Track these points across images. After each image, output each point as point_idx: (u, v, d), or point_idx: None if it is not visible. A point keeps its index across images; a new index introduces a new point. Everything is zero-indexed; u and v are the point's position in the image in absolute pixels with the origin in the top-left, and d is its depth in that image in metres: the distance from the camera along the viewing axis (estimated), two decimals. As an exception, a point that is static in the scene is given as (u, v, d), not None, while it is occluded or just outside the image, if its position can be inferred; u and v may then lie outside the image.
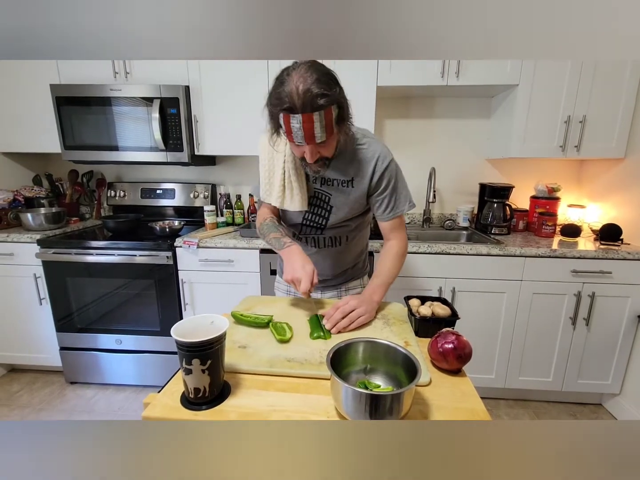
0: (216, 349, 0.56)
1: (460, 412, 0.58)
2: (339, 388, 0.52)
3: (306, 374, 0.66)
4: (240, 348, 0.74)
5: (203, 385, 0.56)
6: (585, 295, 1.64)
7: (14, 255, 1.79)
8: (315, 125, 0.73)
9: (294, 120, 0.72)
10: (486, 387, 1.82)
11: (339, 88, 0.75)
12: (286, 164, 0.94)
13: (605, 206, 1.90)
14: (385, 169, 0.95)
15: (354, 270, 1.15)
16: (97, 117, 1.84)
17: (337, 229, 1.04)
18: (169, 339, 1.82)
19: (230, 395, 0.60)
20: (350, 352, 0.63)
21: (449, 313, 0.84)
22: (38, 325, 1.89)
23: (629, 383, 1.72)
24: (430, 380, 0.65)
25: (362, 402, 0.50)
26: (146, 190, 2.22)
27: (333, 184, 0.97)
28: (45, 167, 2.27)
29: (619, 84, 1.67)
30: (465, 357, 0.68)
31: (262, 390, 0.62)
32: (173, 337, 0.54)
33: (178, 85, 1.78)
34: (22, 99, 1.89)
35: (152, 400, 0.60)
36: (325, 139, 0.76)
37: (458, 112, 2.07)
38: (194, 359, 0.54)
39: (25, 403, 1.80)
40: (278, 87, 0.73)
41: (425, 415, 0.57)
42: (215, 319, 0.61)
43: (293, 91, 0.70)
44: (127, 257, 1.75)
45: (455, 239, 2.04)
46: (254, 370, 0.67)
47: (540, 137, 1.77)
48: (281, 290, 1.20)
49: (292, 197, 0.96)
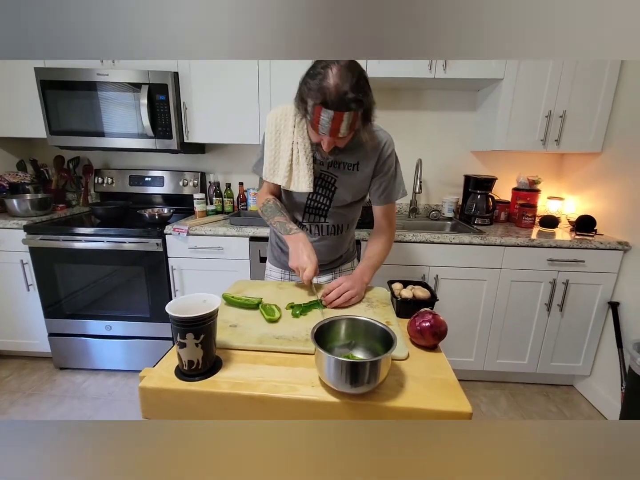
0: (209, 324, 0.60)
1: (433, 382, 0.63)
2: (322, 358, 0.56)
3: (293, 350, 0.70)
4: (231, 327, 0.78)
5: (197, 358, 0.60)
6: (560, 283, 1.73)
7: (0, 242, 1.78)
8: (342, 124, 0.79)
9: (324, 114, 0.78)
10: (466, 370, 1.91)
11: (371, 95, 0.81)
12: (295, 145, 0.96)
13: (582, 198, 1.99)
14: (389, 155, 1.01)
15: (347, 254, 1.22)
16: (83, 101, 1.81)
17: (339, 217, 1.08)
18: (159, 324, 1.85)
19: (222, 368, 0.65)
20: (333, 329, 0.68)
21: (428, 295, 0.89)
22: (26, 311, 1.89)
23: (598, 365, 1.83)
24: (408, 354, 0.71)
25: (342, 370, 0.55)
26: (134, 178, 2.20)
27: (339, 167, 1.00)
28: (30, 153, 2.23)
29: (599, 80, 1.74)
30: (441, 335, 0.74)
31: (252, 364, 0.67)
32: (168, 313, 0.57)
33: (167, 72, 1.77)
34: (4, 83, 1.85)
35: (148, 373, 0.63)
36: (346, 134, 0.83)
37: (445, 104, 2.11)
38: (188, 334, 0.58)
39: (14, 388, 1.81)
40: (316, 78, 0.77)
41: (402, 384, 0.62)
42: (208, 298, 0.65)
43: (332, 88, 0.75)
44: (116, 243, 1.75)
45: (440, 229, 2.10)
46: (244, 346, 0.71)
47: (523, 130, 1.83)
48: (274, 278, 1.23)
49: (299, 179, 0.99)
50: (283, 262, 1.18)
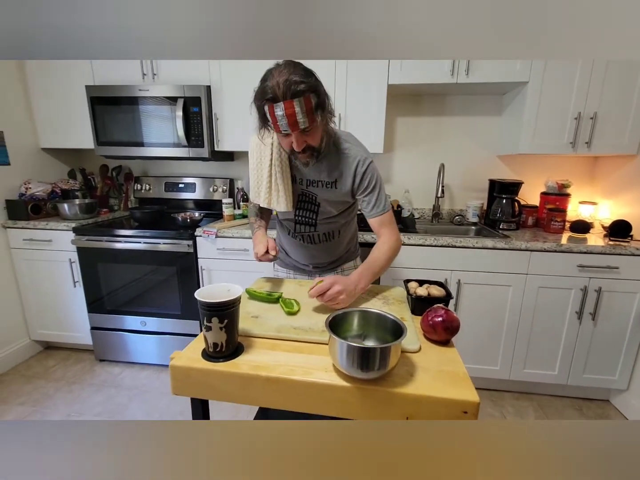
0: (232, 310, 0.66)
1: (443, 374, 0.65)
2: (335, 344, 0.60)
3: (309, 339, 0.75)
4: (253, 317, 0.84)
5: (220, 341, 0.66)
6: (592, 290, 1.66)
7: (52, 242, 1.97)
8: (296, 111, 0.80)
9: (277, 109, 0.80)
10: (492, 379, 1.86)
11: (315, 79, 0.84)
12: (273, 167, 1.02)
13: (617, 203, 1.90)
14: (365, 171, 1.00)
15: (347, 254, 1.26)
16: (126, 115, 1.99)
17: (329, 225, 1.12)
18: (189, 321, 1.96)
19: (243, 352, 0.70)
20: (346, 320, 0.72)
21: (443, 294, 0.91)
22: (71, 306, 2.07)
23: (637, 379, 1.72)
24: (419, 347, 0.73)
25: (353, 355, 0.59)
26: (169, 184, 2.36)
27: (318, 185, 1.05)
28: (79, 162, 2.46)
29: (632, 80, 1.68)
30: (453, 330, 0.75)
31: (271, 350, 0.72)
32: (197, 298, 0.64)
33: (200, 85, 1.91)
34: (59, 100, 2.07)
35: (177, 355, 0.70)
36: (307, 125, 0.83)
37: (469, 109, 2.10)
38: (213, 318, 0.64)
39: (59, 377, 1.98)
40: (262, 84, 0.83)
41: (412, 373, 0.65)
42: (231, 287, 0.71)
43: (274, 83, 0.80)
44: (151, 244, 1.89)
45: (464, 234, 2.08)
46: (264, 334, 0.77)
47: (551, 133, 1.79)
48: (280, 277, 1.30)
49: (278, 198, 1.04)
50: (287, 262, 1.28)
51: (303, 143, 0.89)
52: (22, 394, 1.84)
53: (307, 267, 1.23)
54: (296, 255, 1.23)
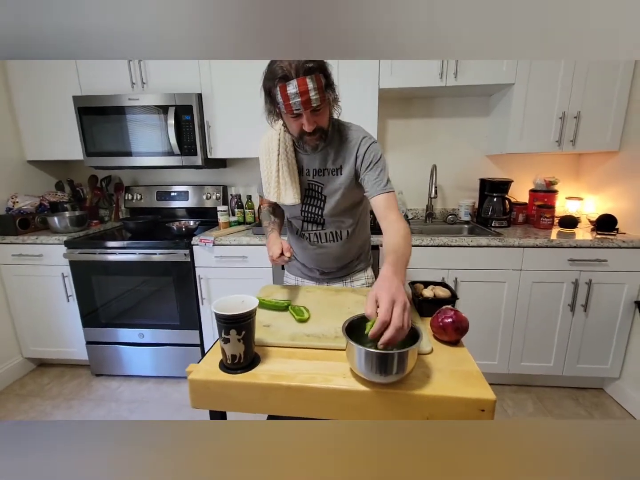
0: (249, 321, 0.66)
1: (457, 373, 0.67)
2: (353, 350, 0.62)
3: (324, 346, 0.76)
4: (265, 327, 0.84)
5: (239, 352, 0.66)
6: (583, 283, 1.72)
7: (43, 256, 1.92)
8: (309, 88, 0.81)
9: (290, 87, 0.81)
10: (490, 373, 1.90)
11: (323, 61, 0.85)
12: (280, 161, 1.04)
13: (602, 198, 1.97)
14: (368, 147, 1.00)
15: (358, 261, 1.24)
16: (115, 125, 1.96)
17: (336, 224, 1.12)
18: (188, 332, 1.94)
19: (260, 363, 0.71)
20: (362, 325, 0.73)
21: (448, 295, 0.93)
22: (65, 321, 2.02)
23: (628, 367, 1.79)
24: (432, 349, 0.75)
25: (372, 361, 0.60)
26: (161, 193, 2.34)
27: (324, 174, 1.05)
28: (67, 174, 2.41)
29: (612, 79, 1.75)
30: (463, 330, 0.77)
31: (287, 359, 0.73)
32: (214, 312, 0.64)
33: (191, 94, 1.89)
34: (45, 111, 2.03)
35: (194, 368, 0.70)
36: (319, 102, 0.84)
37: (458, 111, 2.15)
38: (231, 330, 0.64)
39: (55, 394, 1.93)
40: (269, 67, 0.84)
41: (428, 375, 0.66)
42: (245, 299, 0.71)
43: (285, 64, 0.81)
44: (146, 255, 1.86)
45: (457, 233, 2.12)
46: (278, 343, 0.77)
47: (537, 132, 1.85)
48: (290, 284, 1.30)
49: (286, 191, 1.05)
50: (297, 267, 1.27)
51: (314, 123, 0.89)
52: (19, 412, 1.79)
53: (314, 274, 1.22)
54: (304, 258, 1.21)
